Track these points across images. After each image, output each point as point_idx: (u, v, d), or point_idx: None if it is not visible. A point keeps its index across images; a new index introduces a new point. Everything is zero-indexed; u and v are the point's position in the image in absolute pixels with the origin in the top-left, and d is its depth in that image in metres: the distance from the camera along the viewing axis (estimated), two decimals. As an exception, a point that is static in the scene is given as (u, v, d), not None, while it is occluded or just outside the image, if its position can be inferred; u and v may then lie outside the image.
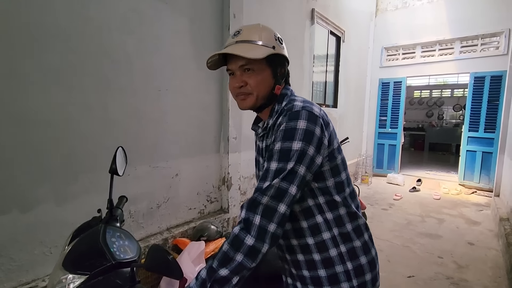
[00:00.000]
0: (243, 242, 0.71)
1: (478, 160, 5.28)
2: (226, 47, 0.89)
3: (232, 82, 0.91)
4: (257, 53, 0.85)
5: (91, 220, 1.07)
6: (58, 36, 1.61)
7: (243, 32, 0.89)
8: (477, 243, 3.26)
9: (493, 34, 5.05)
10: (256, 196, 0.75)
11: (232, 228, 2.75)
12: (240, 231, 0.73)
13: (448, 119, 10.77)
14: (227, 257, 0.72)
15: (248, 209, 0.74)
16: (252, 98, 0.89)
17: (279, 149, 0.77)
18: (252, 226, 0.72)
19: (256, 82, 0.88)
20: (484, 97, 5.14)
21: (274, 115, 0.90)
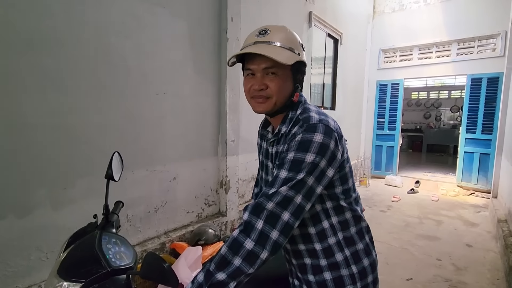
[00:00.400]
0: (242, 246, 0.70)
1: (476, 161, 5.30)
2: (249, 45, 0.84)
3: (250, 82, 0.87)
4: (286, 58, 0.81)
5: (87, 226, 1.06)
6: (55, 41, 1.61)
7: (271, 33, 0.84)
8: (475, 245, 3.26)
9: (489, 36, 5.08)
10: (261, 201, 0.73)
11: (231, 231, 2.75)
12: (239, 234, 0.72)
13: (446, 120, 10.81)
14: (224, 261, 0.70)
15: (252, 213, 0.73)
16: (271, 102, 0.86)
17: (291, 159, 0.75)
18: (253, 230, 0.71)
19: (278, 87, 0.84)
20: (481, 99, 5.17)
21: (288, 122, 0.87)
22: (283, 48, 0.83)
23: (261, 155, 1.05)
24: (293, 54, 0.84)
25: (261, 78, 0.85)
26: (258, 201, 0.74)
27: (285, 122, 0.89)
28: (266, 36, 0.83)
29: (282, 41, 0.83)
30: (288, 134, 0.85)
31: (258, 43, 0.83)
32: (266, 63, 0.82)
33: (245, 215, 0.73)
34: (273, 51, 0.80)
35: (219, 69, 2.67)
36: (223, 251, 0.72)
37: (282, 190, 0.73)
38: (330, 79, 5.13)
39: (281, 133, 0.88)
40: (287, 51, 0.83)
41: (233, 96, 2.73)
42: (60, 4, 1.62)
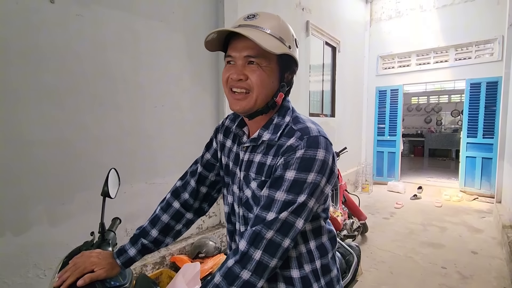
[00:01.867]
0: (238, 277, 0.65)
1: (478, 166, 5.26)
2: (236, 27, 0.72)
3: (229, 71, 0.74)
4: (272, 45, 0.68)
5: (83, 245, 1.05)
6: (53, 57, 1.63)
7: (260, 18, 0.72)
8: (481, 252, 3.21)
9: (487, 41, 5.10)
10: (260, 229, 0.66)
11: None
12: (234, 264, 0.66)
13: (447, 124, 10.79)
14: None
15: (250, 243, 0.66)
16: (251, 99, 0.73)
17: (292, 180, 0.67)
18: (250, 261, 0.65)
19: (259, 80, 0.72)
20: (481, 103, 5.16)
21: (274, 129, 0.76)
22: (271, 36, 0.71)
23: (224, 156, 0.90)
24: (282, 45, 0.72)
25: (242, 67, 0.72)
26: (257, 229, 0.67)
27: (268, 127, 0.77)
28: (254, 20, 0.72)
29: (272, 29, 0.71)
30: (280, 145, 0.73)
31: (243, 26, 0.71)
32: (248, 50, 0.71)
33: (243, 245, 0.67)
34: (258, 35, 0.68)
35: (217, 81, 2.69)
36: (217, 281, 0.66)
37: (282, 216, 0.66)
38: (329, 87, 5.15)
39: (262, 139, 0.76)
40: (275, 40, 0.71)
41: (232, 106, 2.74)
42: (58, 20, 1.64)
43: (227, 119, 0.95)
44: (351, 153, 5.02)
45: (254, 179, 0.76)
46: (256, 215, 0.69)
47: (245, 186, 0.79)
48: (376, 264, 2.92)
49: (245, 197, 0.79)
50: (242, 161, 0.81)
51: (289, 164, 0.68)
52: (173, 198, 1.02)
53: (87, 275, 0.80)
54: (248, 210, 0.79)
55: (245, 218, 0.80)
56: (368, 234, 3.59)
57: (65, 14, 1.67)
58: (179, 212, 0.99)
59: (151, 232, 0.96)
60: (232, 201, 0.86)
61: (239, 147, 0.84)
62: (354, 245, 1.65)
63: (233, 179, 0.85)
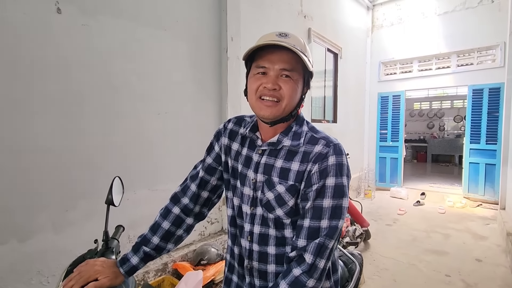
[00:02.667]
0: (304, 285, 0.71)
1: (482, 172, 5.23)
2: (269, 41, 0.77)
3: (260, 80, 0.79)
4: (308, 63, 0.78)
5: (86, 253, 1.06)
6: (60, 66, 1.66)
7: (292, 37, 0.79)
8: (485, 260, 3.18)
9: (488, 47, 5.11)
10: (324, 241, 0.73)
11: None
12: (301, 274, 0.72)
13: (450, 130, 10.75)
14: None
15: (315, 254, 0.73)
16: (280, 107, 0.78)
17: (333, 186, 0.75)
18: (316, 270, 0.72)
19: (291, 91, 0.78)
20: (483, 109, 5.15)
21: (292, 135, 0.82)
22: (303, 54, 0.77)
23: (231, 159, 0.93)
24: (309, 63, 0.80)
25: (275, 78, 0.78)
26: (320, 241, 0.73)
27: (287, 134, 0.83)
28: (287, 39, 0.78)
29: (301, 47, 0.79)
30: (306, 152, 0.79)
31: (281, 42, 0.76)
32: (284, 64, 0.77)
33: (310, 257, 0.73)
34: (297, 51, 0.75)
35: (219, 88, 2.72)
36: None
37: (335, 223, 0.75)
38: (331, 93, 5.17)
39: (282, 144, 0.82)
40: (306, 59, 0.78)
41: (235, 113, 2.76)
42: (65, 30, 1.68)
43: (230, 123, 0.98)
44: (353, 159, 5.02)
45: (280, 183, 0.80)
46: (309, 227, 0.75)
47: (266, 188, 0.82)
48: (379, 272, 2.89)
49: (266, 198, 0.82)
50: (258, 163, 0.85)
51: (326, 171, 0.76)
52: (172, 204, 1.04)
53: (92, 283, 0.82)
54: (268, 211, 0.83)
55: (264, 219, 0.84)
56: (370, 241, 3.57)
57: (72, 24, 1.70)
58: (179, 217, 1.01)
59: (152, 240, 0.98)
60: (239, 203, 0.89)
61: (252, 150, 0.88)
62: (356, 253, 1.64)
63: (243, 180, 0.88)
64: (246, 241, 0.87)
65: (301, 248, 0.75)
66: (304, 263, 0.73)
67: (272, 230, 0.83)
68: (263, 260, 0.85)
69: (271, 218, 0.82)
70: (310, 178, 0.77)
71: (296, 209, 0.80)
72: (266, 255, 0.84)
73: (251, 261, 0.86)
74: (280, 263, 0.83)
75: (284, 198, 0.80)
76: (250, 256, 0.86)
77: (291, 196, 0.79)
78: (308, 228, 0.75)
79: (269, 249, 0.84)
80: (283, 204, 0.80)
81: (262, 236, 0.84)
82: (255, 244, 0.85)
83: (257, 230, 0.85)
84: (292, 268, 0.74)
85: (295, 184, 0.79)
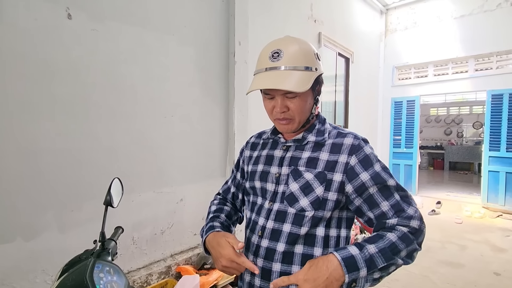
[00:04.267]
0: (412, 242, 0.76)
1: (502, 181, 4.99)
2: (261, 71, 0.82)
3: (271, 104, 0.85)
4: (304, 82, 0.78)
5: (83, 253, 1.07)
6: (67, 70, 1.71)
7: (284, 56, 0.79)
8: (504, 273, 3.00)
9: (508, 51, 4.92)
10: (415, 209, 0.80)
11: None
12: (408, 233, 0.76)
13: (468, 136, 10.36)
14: (395, 247, 0.74)
15: (421, 221, 0.79)
16: (294, 123, 0.85)
17: (381, 168, 0.82)
18: (422, 235, 0.79)
19: (300, 109, 0.83)
20: (503, 115, 4.94)
21: (316, 132, 0.89)
22: (299, 71, 0.79)
23: (251, 165, 1.00)
24: (310, 73, 0.80)
25: (282, 101, 0.82)
26: (413, 208, 0.80)
27: (311, 131, 0.90)
28: (279, 60, 0.79)
29: (296, 61, 0.79)
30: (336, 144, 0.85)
31: (270, 70, 0.80)
32: (284, 90, 0.80)
33: (420, 223, 0.78)
34: (289, 80, 0.77)
35: (227, 92, 2.72)
36: (394, 239, 0.74)
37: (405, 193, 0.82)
38: (342, 97, 5.09)
39: (307, 140, 0.88)
40: (303, 73, 0.79)
41: (241, 117, 2.76)
42: (74, 35, 1.73)
43: (252, 138, 1.09)
44: (364, 165, 4.90)
45: (307, 171, 0.84)
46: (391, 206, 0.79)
47: (291, 179, 0.85)
48: (389, 282, 2.79)
49: (289, 190, 0.85)
50: (283, 158, 0.91)
51: (368, 159, 0.82)
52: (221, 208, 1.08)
53: (241, 244, 0.82)
54: (289, 204, 0.84)
55: (280, 214, 0.85)
56: (381, 250, 3.45)
57: (81, 29, 1.75)
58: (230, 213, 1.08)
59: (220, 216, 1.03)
60: (262, 203, 0.92)
61: (274, 149, 0.96)
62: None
63: (264, 177, 0.93)
64: (256, 236, 0.87)
65: (394, 225, 0.78)
66: (409, 226, 0.77)
67: (287, 226, 0.83)
68: (269, 258, 0.84)
69: (291, 213, 0.83)
70: (352, 169, 0.81)
71: (322, 201, 0.81)
72: (274, 252, 0.83)
73: (255, 258, 0.86)
74: (286, 263, 0.82)
75: (312, 185, 0.82)
76: (257, 252, 0.86)
77: (320, 183, 0.82)
78: (391, 208, 0.79)
79: (279, 246, 0.83)
80: (310, 192, 0.82)
81: (274, 231, 0.84)
82: (264, 239, 0.85)
83: (270, 225, 0.86)
84: (396, 228, 0.77)
85: (323, 171, 0.82)
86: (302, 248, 0.83)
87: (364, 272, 0.70)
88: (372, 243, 0.74)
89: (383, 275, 0.75)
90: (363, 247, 0.73)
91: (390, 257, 0.72)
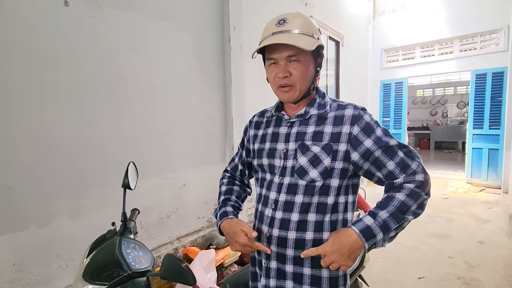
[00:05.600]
0: (419, 195, 0.84)
1: (485, 157, 5.25)
2: (268, 36, 0.86)
3: (274, 71, 0.89)
4: (308, 43, 0.83)
5: (107, 233, 1.13)
6: (70, 59, 1.70)
7: (290, 21, 0.85)
8: (488, 242, 3.24)
9: (491, 31, 5.07)
10: (420, 160, 0.88)
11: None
12: (415, 188, 0.84)
13: (453, 116, 10.72)
14: (405, 205, 0.83)
15: (424, 173, 0.86)
16: (296, 91, 0.88)
17: (384, 131, 0.87)
18: (428, 185, 0.86)
19: (301, 74, 0.87)
20: (486, 94, 5.14)
21: (317, 106, 0.92)
22: (303, 35, 0.84)
23: (257, 143, 1.04)
24: (314, 40, 0.86)
25: (285, 66, 0.86)
26: (418, 160, 0.87)
27: (312, 105, 0.93)
28: (285, 25, 0.85)
29: (301, 28, 0.85)
30: (338, 116, 0.89)
31: (277, 33, 0.84)
32: (288, 51, 0.84)
33: (424, 176, 0.85)
34: (294, 38, 0.82)
35: (223, 78, 2.75)
36: (403, 198, 0.83)
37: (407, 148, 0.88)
38: (333, 81, 5.17)
39: (310, 114, 0.92)
40: (307, 37, 0.84)
41: (239, 102, 2.80)
42: (73, 22, 1.71)
43: (255, 117, 1.12)
44: (356, 146, 5.05)
45: (314, 144, 0.89)
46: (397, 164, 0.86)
47: (299, 153, 0.90)
48: (383, 255, 2.97)
49: (298, 164, 0.89)
50: (288, 134, 0.94)
51: (370, 126, 0.86)
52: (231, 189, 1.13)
53: (254, 233, 0.89)
54: (300, 177, 0.89)
55: (291, 187, 0.90)
56: (374, 226, 3.63)
57: (79, 17, 1.73)
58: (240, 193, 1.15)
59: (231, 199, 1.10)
60: (271, 178, 0.96)
61: (278, 126, 0.99)
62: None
63: (272, 154, 0.97)
64: (270, 209, 0.93)
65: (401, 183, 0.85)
66: (416, 181, 0.84)
67: (299, 197, 0.89)
68: (284, 227, 0.89)
69: (302, 184, 0.88)
70: (356, 138, 0.86)
71: (329, 171, 0.87)
72: (288, 222, 0.89)
73: (271, 229, 0.91)
74: (301, 230, 0.89)
75: (320, 157, 0.87)
76: (272, 223, 0.91)
77: (327, 155, 0.87)
78: (399, 164, 0.85)
79: (293, 216, 0.89)
80: (319, 163, 0.87)
81: (287, 203, 0.90)
82: (278, 211, 0.91)
83: (282, 198, 0.91)
84: (403, 186, 0.85)
85: (329, 143, 0.87)
86: (315, 216, 0.89)
87: (381, 236, 0.82)
88: (383, 208, 0.84)
89: (398, 231, 0.86)
90: (376, 215, 0.83)
91: (401, 217, 0.83)
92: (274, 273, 0.93)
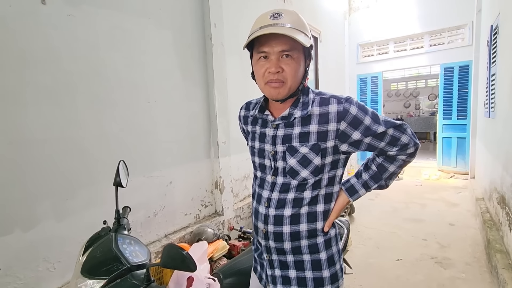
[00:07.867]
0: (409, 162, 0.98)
1: (454, 145, 5.61)
2: (264, 26, 0.81)
3: (265, 66, 0.84)
4: (303, 40, 0.79)
5: (101, 230, 1.15)
6: (49, 58, 1.66)
7: (285, 16, 0.82)
8: (457, 224, 3.50)
9: (458, 27, 5.39)
10: (409, 132, 0.92)
11: (229, 230, 2.85)
12: (407, 158, 0.94)
13: (425, 108, 11.27)
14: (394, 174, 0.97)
15: (414, 143, 0.92)
16: (286, 88, 0.85)
17: (372, 118, 0.86)
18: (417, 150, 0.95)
19: (293, 71, 0.84)
20: (454, 86, 5.48)
21: (301, 106, 0.89)
22: (298, 31, 0.81)
23: (250, 140, 1.03)
24: (307, 38, 0.83)
25: (277, 61, 0.82)
26: (408, 136, 0.91)
27: (296, 106, 0.90)
28: (280, 19, 0.81)
29: (295, 24, 0.82)
30: (323, 114, 0.86)
31: (272, 26, 0.80)
32: (282, 45, 0.81)
33: (412, 148, 0.92)
34: (291, 32, 0.78)
35: (206, 75, 2.76)
36: (392, 169, 0.95)
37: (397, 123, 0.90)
38: (312, 76, 5.29)
39: (294, 116, 0.89)
40: (302, 34, 0.81)
41: (222, 99, 2.83)
42: (51, 21, 1.67)
43: (241, 110, 1.10)
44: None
45: (302, 146, 0.88)
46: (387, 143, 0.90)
47: (288, 156, 0.90)
48: (364, 241, 3.14)
49: (289, 166, 0.90)
50: (275, 136, 0.93)
51: (357, 120, 0.84)
52: None
53: None
54: (292, 177, 0.91)
55: (285, 185, 0.92)
56: (355, 214, 3.81)
57: (57, 15, 1.69)
58: None
59: None
60: (263, 177, 0.99)
61: (265, 127, 0.97)
62: (344, 220, 1.83)
63: (261, 154, 0.98)
64: (263, 207, 0.95)
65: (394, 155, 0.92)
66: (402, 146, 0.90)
67: (291, 194, 0.91)
68: (279, 223, 0.92)
69: (294, 184, 0.90)
70: (343, 132, 0.86)
71: (320, 168, 0.89)
72: (282, 217, 0.92)
73: (266, 225, 0.94)
74: (295, 223, 0.91)
75: (309, 158, 0.87)
76: (266, 220, 0.94)
77: (315, 154, 0.87)
78: (389, 143, 0.89)
79: (285, 211, 0.91)
80: (308, 163, 0.88)
81: (280, 201, 0.92)
82: (271, 209, 0.93)
83: (275, 196, 0.93)
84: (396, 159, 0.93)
85: (317, 143, 0.87)
86: (307, 208, 0.91)
87: (363, 192, 0.98)
88: (366, 170, 0.99)
89: (389, 183, 0.99)
90: (360, 176, 0.99)
91: (379, 178, 0.96)
92: (277, 263, 0.96)
